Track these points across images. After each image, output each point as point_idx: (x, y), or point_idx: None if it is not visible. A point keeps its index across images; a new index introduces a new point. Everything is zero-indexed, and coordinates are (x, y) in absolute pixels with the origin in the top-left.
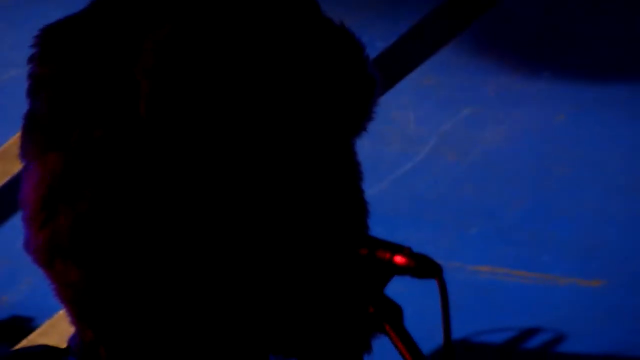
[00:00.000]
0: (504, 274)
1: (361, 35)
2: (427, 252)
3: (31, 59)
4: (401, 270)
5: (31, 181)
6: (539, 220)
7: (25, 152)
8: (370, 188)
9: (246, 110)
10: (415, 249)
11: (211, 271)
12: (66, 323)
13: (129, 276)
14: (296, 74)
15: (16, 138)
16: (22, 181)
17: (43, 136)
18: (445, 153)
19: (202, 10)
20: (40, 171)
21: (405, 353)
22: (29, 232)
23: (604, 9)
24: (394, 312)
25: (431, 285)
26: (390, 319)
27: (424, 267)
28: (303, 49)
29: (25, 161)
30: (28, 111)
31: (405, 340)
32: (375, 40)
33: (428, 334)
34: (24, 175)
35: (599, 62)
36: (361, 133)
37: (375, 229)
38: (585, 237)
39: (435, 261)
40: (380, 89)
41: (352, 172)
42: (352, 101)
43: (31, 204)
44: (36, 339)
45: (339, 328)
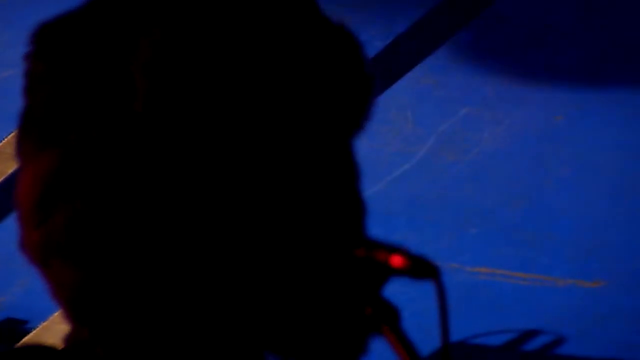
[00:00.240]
0: (502, 275)
1: (360, 34)
2: (425, 253)
3: (27, 57)
4: (398, 271)
5: (27, 179)
6: (537, 221)
7: (21, 151)
8: (368, 188)
9: (243, 107)
10: (413, 250)
11: (208, 270)
12: (61, 325)
13: (125, 275)
14: (294, 72)
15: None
16: (18, 179)
17: (39, 134)
18: (443, 153)
19: (200, 6)
20: (36, 169)
21: (403, 355)
22: (24, 231)
23: (603, 10)
24: (391, 314)
25: (429, 286)
26: (387, 320)
27: (422, 268)
28: (301, 47)
29: (20, 159)
30: (24, 109)
31: (403, 342)
32: (374, 40)
33: (426, 336)
34: (19, 174)
35: (598, 62)
36: (359, 133)
37: (372, 229)
38: (584, 238)
39: (432, 262)
40: (378, 89)
41: (350, 172)
42: (350, 100)
43: (26, 202)
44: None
45: (335, 329)
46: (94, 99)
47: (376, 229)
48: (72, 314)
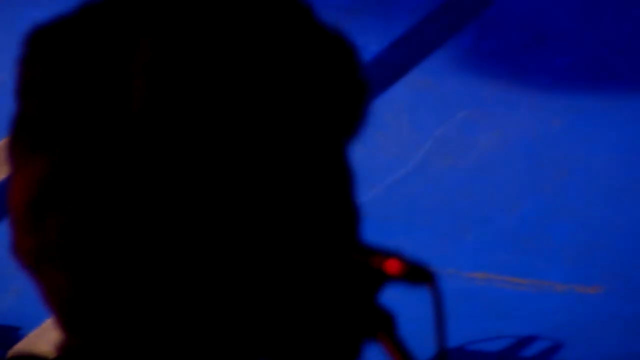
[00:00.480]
0: (499, 281)
1: (355, 38)
2: (421, 259)
3: (20, 61)
4: (394, 277)
5: (19, 183)
6: (535, 226)
7: (14, 154)
8: (365, 193)
9: (239, 111)
10: (409, 256)
11: (203, 278)
12: (54, 332)
13: (118, 282)
14: (289, 77)
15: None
16: (10, 184)
17: (31, 138)
18: (440, 157)
19: (198, 10)
20: (28, 173)
21: None
22: (16, 236)
23: (602, 14)
24: (387, 320)
25: (425, 292)
26: (383, 326)
27: (418, 274)
28: (296, 52)
29: (12, 164)
30: (16, 114)
31: (399, 348)
32: (370, 44)
33: (422, 342)
34: (11, 178)
35: (594, 67)
36: (354, 138)
37: (368, 234)
38: (581, 243)
39: (429, 268)
40: (373, 94)
41: (344, 178)
42: (345, 106)
43: (19, 207)
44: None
45: (330, 335)
46: (87, 103)
47: (372, 234)
48: (64, 321)
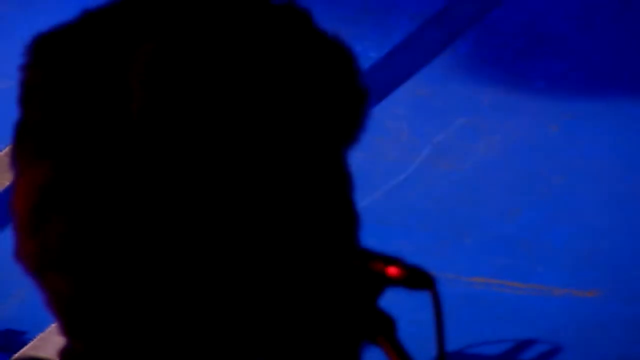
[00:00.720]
0: (498, 285)
1: (354, 45)
2: (420, 264)
3: (23, 67)
4: (394, 281)
5: (22, 189)
6: (533, 231)
7: (16, 161)
8: (364, 198)
9: (238, 118)
10: (408, 260)
11: (202, 281)
12: (58, 337)
13: (121, 286)
14: (288, 84)
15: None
16: (14, 189)
17: (34, 144)
18: (439, 163)
19: (197, 17)
20: (31, 179)
21: None
22: (19, 241)
23: (599, 20)
24: (387, 324)
25: (425, 296)
26: (383, 331)
27: (417, 278)
28: (295, 59)
29: (16, 169)
30: (19, 120)
31: (399, 352)
32: (369, 51)
33: (422, 346)
34: (15, 184)
35: (592, 72)
36: (353, 144)
37: (368, 240)
38: (579, 247)
39: (428, 272)
40: (372, 100)
41: (343, 184)
42: (344, 112)
43: (22, 212)
44: (28, 352)
45: (330, 339)
46: (89, 108)
47: (372, 239)
48: (66, 326)
